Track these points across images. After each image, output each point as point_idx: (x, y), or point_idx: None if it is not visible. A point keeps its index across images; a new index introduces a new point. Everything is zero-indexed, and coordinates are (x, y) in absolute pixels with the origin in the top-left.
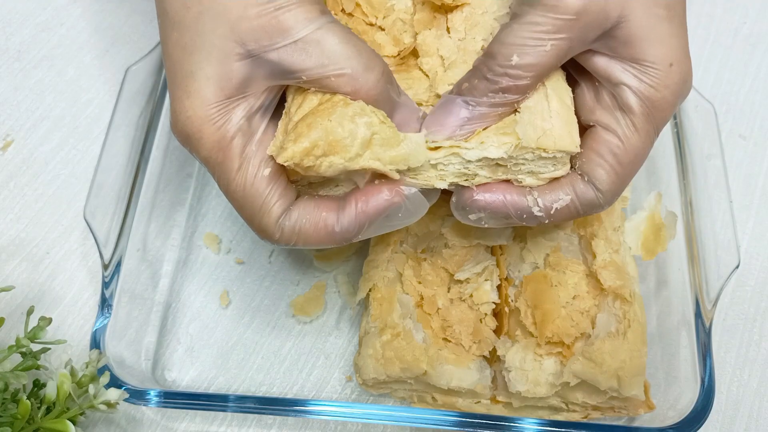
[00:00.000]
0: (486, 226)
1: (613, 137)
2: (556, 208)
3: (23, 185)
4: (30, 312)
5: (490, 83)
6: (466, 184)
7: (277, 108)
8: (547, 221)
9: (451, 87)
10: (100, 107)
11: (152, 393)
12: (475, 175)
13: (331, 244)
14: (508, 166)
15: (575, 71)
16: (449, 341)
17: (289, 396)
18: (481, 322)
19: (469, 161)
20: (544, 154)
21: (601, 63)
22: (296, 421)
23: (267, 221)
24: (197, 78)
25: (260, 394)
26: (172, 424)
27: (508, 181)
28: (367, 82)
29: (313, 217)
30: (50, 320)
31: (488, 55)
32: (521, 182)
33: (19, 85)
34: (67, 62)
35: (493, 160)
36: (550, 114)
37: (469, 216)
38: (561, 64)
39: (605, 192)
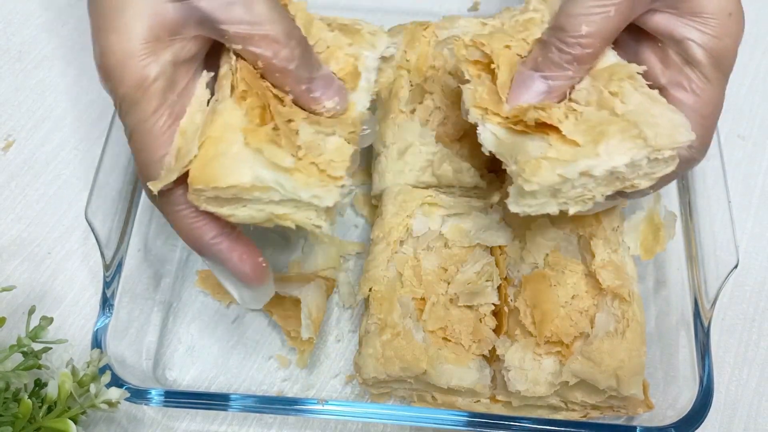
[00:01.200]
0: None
1: (689, 93)
2: (659, 177)
3: (24, 185)
4: (31, 312)
5: (564, 54)
6: (584, 210)
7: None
8: (653, 190)
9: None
10: (101, 108)
11: (153, 392)
12: (593, 197)
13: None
14: (626, 175)
15: (637, 38)
16: (449, 341)
17: (290, 395)
18: (480, 321)
19: (595, 177)
20: (659, 155)
21: (662, 21)
22: (296, 421)
23: (155, 177)
24: (126, 14)
25: (260, 394)
26: (173, 423)
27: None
28: (286, 48)
29: (188, 214)
30: (51, 320)
31: (557, 28)
32: (638, 187)
33: (20, 86)
34: (68, 63)
35: (616, 170)
36: (657, 111)
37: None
38: (625, 26)
39: (698, 147)
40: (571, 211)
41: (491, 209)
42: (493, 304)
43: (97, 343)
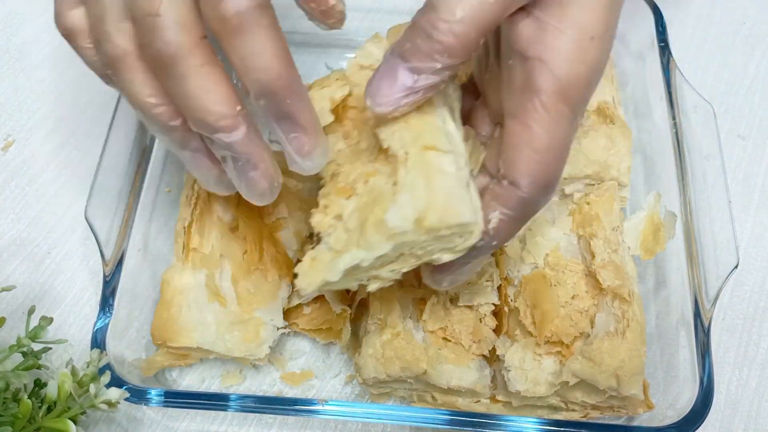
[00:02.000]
0: (462, 279)
1: (522, 125)
2: (493, 228)
3: (24, 185)
4: (31, 312)
5: (434, 42)
6: (373, 287)
7: None
8: (495, 243)
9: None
10: (101, 108)
11: (153, 392)
12: (381, 276)
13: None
14: (413, 253)
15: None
16: (449, 341)
17: (290, 395)
18: (480, 321)
19: (367, 266)
20: (439, 233)
21: (525, 31)
22: (296, 420)
23: None
24: None
25: (260, 394)
26: (173, 423)
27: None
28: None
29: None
30: (51, 320)
31: (429, 8)
32: (440, 260)
33: (20, 86)
34: (68, 63)
35: (384, 255)
36: (438, 184)
37: (443, 285)
38: (502, 18)
39: (528, 185)
40: (371, 288)
41: None
42: (493, 304)
43: (96, 343)
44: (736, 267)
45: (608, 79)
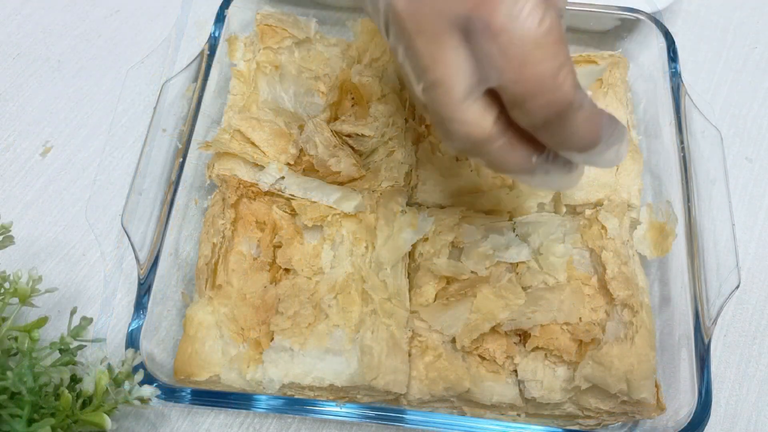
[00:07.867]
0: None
1: None
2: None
3: (61, 189)
4: (73, 312)
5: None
6: None
7: None
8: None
9: None
10: (135, 117)
11: (183, 392)
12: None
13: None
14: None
15: None
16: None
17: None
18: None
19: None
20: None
21: None
22: (314, 420)
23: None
24: None
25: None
26: (198, 418)
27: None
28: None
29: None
30: (91, 320)
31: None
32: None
33: (59, 94)
34: (104, 72)
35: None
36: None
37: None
38: None
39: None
40: None
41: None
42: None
43: (131, 342)
44: (737, 287)
45: (622, 103)
